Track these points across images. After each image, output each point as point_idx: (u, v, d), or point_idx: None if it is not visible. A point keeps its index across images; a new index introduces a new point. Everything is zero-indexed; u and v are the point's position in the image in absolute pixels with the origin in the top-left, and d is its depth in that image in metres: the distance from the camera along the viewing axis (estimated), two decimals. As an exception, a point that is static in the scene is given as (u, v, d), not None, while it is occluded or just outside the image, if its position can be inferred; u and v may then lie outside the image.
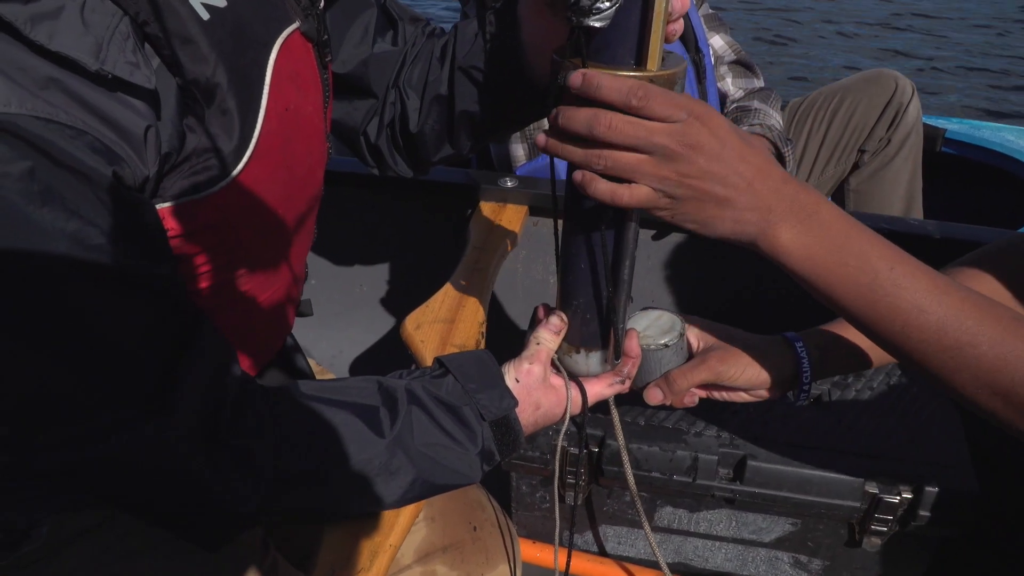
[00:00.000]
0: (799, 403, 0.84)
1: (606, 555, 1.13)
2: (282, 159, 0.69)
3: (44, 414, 0.54)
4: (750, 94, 1.70)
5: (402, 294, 1.69)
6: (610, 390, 0.79)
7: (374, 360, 1.71)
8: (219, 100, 0.60)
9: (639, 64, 0.59)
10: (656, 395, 0.85)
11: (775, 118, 1.64)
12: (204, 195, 0.62)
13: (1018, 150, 2.04)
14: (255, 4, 0.65)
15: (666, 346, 0.82)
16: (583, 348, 0.76)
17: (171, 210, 0.61)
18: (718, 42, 1.74)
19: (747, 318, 1.08)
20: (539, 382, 0.76)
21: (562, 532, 1.03)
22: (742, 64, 1.75)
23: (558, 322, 0.76)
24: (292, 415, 0.67)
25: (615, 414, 0.84)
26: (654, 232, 1.49)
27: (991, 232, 1.32)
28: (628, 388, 0.81)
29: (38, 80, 0.50)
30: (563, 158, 0.63)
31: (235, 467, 0.62)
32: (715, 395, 0.86)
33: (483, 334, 1.08)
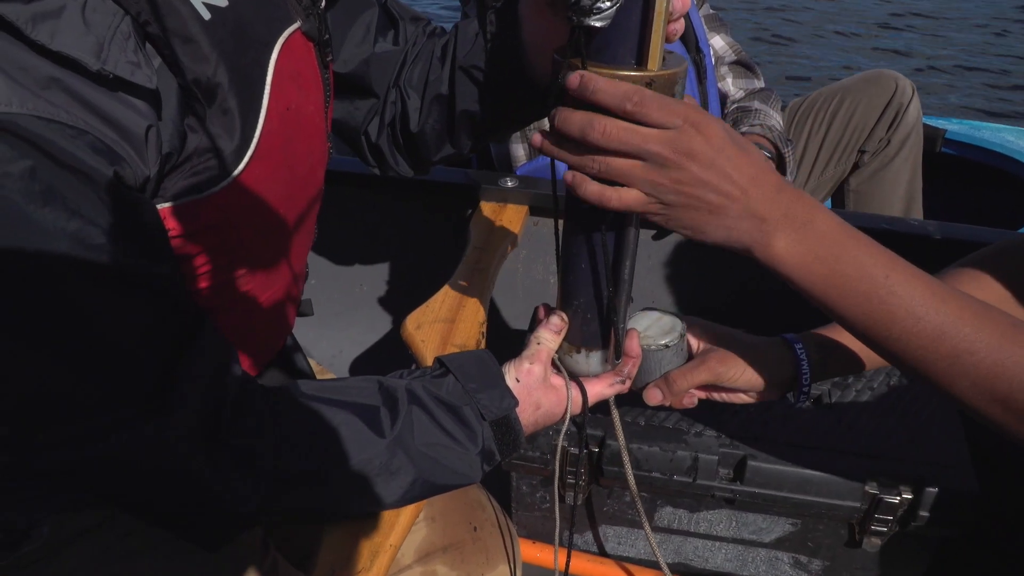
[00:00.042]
0: (799, 405, 0.84)
1: (606, 555, 1.13)
2: (283, 159, 0.69)
3: (44, 413, 0.54)
4: (750, 95, 1.70)
5: (403, 294, 1.69)
6: (611, 390, 0.79)
7: (374, 360, 1.71)
8: (220, 100, 0.60)
9: (640, 64, 0.59)
10: (655, 395, 0.85)
11: (775, 119, 1.64)
12: (205, 195, 0.62)
13: (1018, 150, 2.04)
14: (256, 4, 0.65)
15: (667, 347, 0.82)
16: (584, 348, 0.76)
17: (172, 210, 0.61)
18: (719, 42, 1.74)
19: (747, 318, 1.08)
20: (539, 382, 0.76)
21: (562, 532, 1.03)
22: (743, 64, 1.75)
23: (559, 322, 0.76)
24: (292, 415, 0.67)
25: (616, 414, 0.84)
26: (654, 232, 1.49)
27: (991, 232, 1.32)
28: (628, 388, 0.81)
29: (39, 80, 0.50)
30: (559, 159, 0.63)
31: (235, 467, 0.62)
32: (714, 396, 0.86)
33: (483, 334, 1.08)
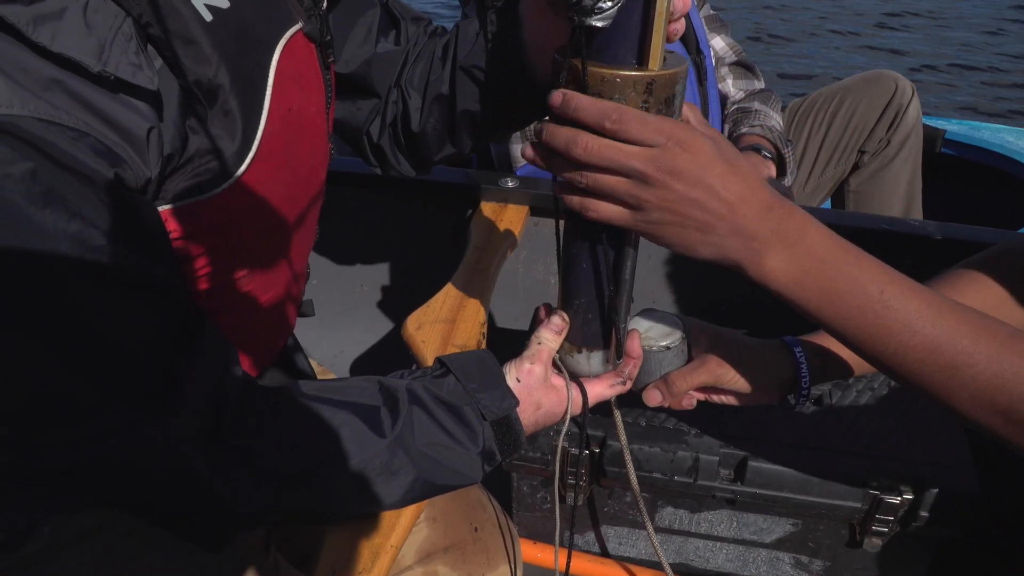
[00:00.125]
0: (798, 407, 0.84)
1: (607, 555, 1.13)
2: (285, 160, 0.69)
3: (44, 414, 0.54)
4: (750, 95, 1.70)
5: (403, 294, 1.68)
6: (611, 391, 0.79)
7: (375, 360, 1.71)
8: (222, 101, 0.60)
9: (641, 64, 0.59)
10: (655, 396, 0.85)
11: (775, 119, 1.64)
12: (207, 196, 0.62)
13: (1018, 151, 2.04)
14: (258, 5, 0.65)
15: (667, 348, 0.82)
16: (584, 348, 0.76)
17: (173, 211, 0.61)
18: (719, 43, 1.74)
19: (748, 320, 1.08)
20: (540, 382, 0.76)
21: (563, 532, 1.03)
22: (743, 65, 1.75)
23: (559, 322, 0.76)
24: (293, 415, 0.67)
25: (618, 415, 0.84)
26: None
27: (991, 233, 1.32)
28: (629, 389, 0.81)
29: (40, 81, 0.50)
30: (548, 171, 0.64)
31: (236, 467, 0.62)
32: (714, 398, 0.86)
33: (484, 334, 1.08)
